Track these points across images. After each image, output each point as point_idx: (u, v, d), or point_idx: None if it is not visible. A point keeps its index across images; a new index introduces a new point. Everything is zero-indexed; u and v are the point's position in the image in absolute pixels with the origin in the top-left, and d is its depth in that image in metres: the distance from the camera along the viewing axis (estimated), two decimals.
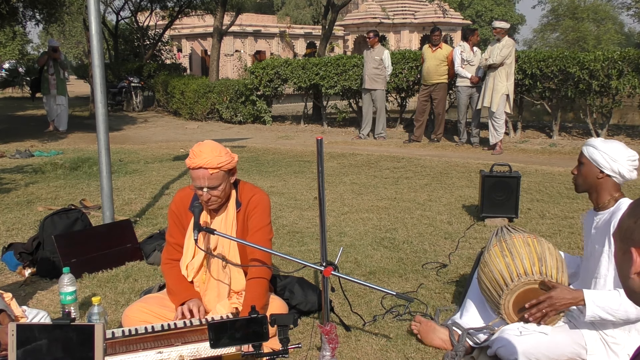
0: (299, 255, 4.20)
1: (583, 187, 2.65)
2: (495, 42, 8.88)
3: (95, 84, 4.54)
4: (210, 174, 2.60)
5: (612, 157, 2.52)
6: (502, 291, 2.60)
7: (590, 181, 2.59)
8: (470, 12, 48.00)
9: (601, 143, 2.58)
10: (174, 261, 2.87)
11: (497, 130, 8.89)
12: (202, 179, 2.61)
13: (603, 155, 2.54)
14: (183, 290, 2.78)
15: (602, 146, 2.56)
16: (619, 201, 2.54)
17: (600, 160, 2.54)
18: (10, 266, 4.04)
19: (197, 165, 2.59)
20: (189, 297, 2.73)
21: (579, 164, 2.64)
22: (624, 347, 2.49)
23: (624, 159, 2.53)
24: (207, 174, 2.59)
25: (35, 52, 41.21)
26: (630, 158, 2.54)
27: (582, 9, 49.36)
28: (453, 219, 5.19)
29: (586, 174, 2.60)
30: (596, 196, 2.61)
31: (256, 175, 7.27)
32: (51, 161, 8.14)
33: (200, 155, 2.60)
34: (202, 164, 2.58)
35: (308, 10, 37.06)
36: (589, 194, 2.64)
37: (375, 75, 10.38)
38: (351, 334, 3.00)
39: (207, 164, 2.58)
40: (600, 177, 2.56)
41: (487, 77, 8.89)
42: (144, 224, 5.07)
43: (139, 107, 16.84)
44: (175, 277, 2.82)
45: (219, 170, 2.61)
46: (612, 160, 2.53)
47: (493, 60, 8.64)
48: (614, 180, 2.55)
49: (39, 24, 14.45)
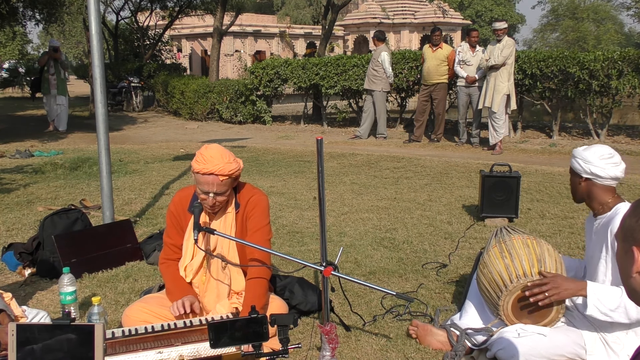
0: (299, 255, 4.20)
1: (577, 197, 2.68)
2: (495, 42, 8.88)
3: (95, 84, 4.55)
4: (221, 181, 2.60)
5: (585, 160, 2.55)
6: (501, 292, 2.60)
7: (577, 189, 2.63)
8: (470, 12, 48.02)
9: (581, 150, 2.61)
10: (171, 261, 2.87)
11: (497, 131, 8.88)
12: (211, 185, 2.60)
13: (578, 161, 2.58)
14: (179, 289, 2.78)
15: (579, 153, 2.60)
16: (617, 206, 2.53)
17: (576, 166, 2.59)
18: (10, 266, 4.04)
19: (208, 172, 2.57)
20: (184, 294, 2.74)
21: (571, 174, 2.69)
22: (623, 347, 2.49)
23: (596, 159, 2.53)
24: (217, 180, 2.59)
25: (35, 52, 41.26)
26: (603, 157, 2.53)
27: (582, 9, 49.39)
28: (453, 219, 5.19)
29: (572, 182, 2.67)
30: (591, 202, 2.61)
31: (256, 175, 7.27)
32: (51, 161, 8.14)
33: (212, 162, 2.58)
34: (213, 171, 2.57)
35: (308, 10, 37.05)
36: (585, 201, 2.65)
37: (372, 76, 10.38)
38: (351, 334, 3.00)
39: (219, 171, 2.57)
40: (580, 181, 2.58)
41: (487, 77, 8.89)
42: (144, 224, 5.07)
43: (139, 107, 16.85)
44: (171, 277, 2.83)
45: (229, 177, 2.62)
46: (585, 162, 2.55)
47: (495, 61, 8.63)
48: (599, 182, 2.53)
49: (39, 24, 14.46)
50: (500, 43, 8.73)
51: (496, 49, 8.73)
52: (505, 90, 8.70)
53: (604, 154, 2.54)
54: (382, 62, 10.22)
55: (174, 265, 2.86)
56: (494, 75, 8.74)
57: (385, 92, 10.58)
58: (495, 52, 8.70)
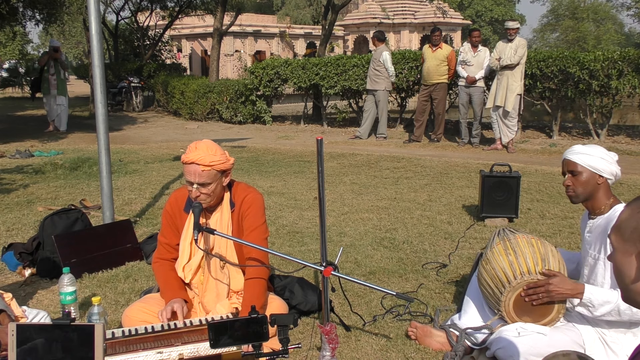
0: (299, 255, 4.20)
1: (583, 196, 2.59)
2: (506, 41, 8.84)
3: (95, 84, 4.55)
4: (202, 171, 2.62)
5: (608, 161, 2.54)
6: (503, 288, 2.60)
7: (591, 189, 2.56)
8: (470, 12, 48.02)
9: (589, 149, 2.58)
10: (164, 260, 2.87)
11: (509, 129, 8.91)
12: (192, 174, 2.63)
13: (599, 161, 2.53)
14: (170, 289, 2.77)
15: (593, 151, 2.56)
16: (614, 207, 2.53)
17: (600, 165, 2.53)
18: (10, 266, 4.04)
19: (190, 160, 2.62)
20: (173, 297, 2.72)
21: (574, 174, 2.58)
22: (622, 347, 2.49)
23: (614, 160, 2.56)
24: (198, 169, 2.61)
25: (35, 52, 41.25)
26: (614, 158, 2.58)
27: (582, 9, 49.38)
28: (453, 219, 5.19)
29: (586, 182, 2.56)
30: (593, 202, 2.59)
31: (256, 175, 7.27)
32: (51, 161, 8.14)
33: (195, 152, 2.64)
34: (195, 160, 2.61)
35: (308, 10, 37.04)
36: (586, 201, 2.61)
37: (375, 76, 10.40)
38: (351, 334, 3.00)
39: (200, 160, 2.61)
40: (601, 182, 2.55)
41: (499, 77, 8.84)
42: (144, 224, 5.07)
43: (139, 107, 16.84)
44: (164, 277, 2.83)
45: (210, 168, 2.63)
46: (609, 163, 2.54)
47: (510, 60, 8.61)
48: (609, 183, 2.57)
49: (39, 24, 14.46)
50: (512, 42, 8.70)
51: (508, 48, 8.69)
52: (519, 89, 8.72)
53: (613, 155, 2.57)
54: (384, 61, 10.24)
55: (167, 265, 2.86)
56: (507, 75, 8.70)
57: (387, 91, 10.62)
58: (508, 52, 8.66)
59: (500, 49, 8.83)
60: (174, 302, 2.68)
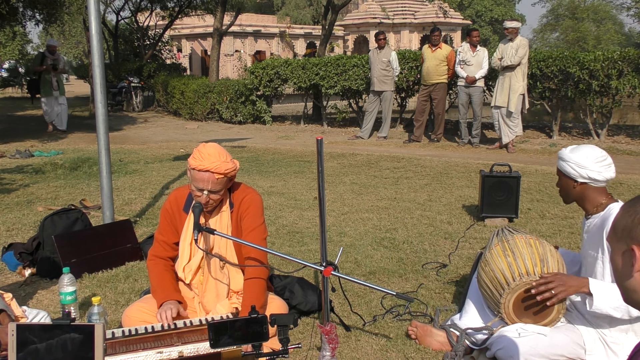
0: (299, 255, 4.20)
1: (568, 199, 2.65)
2: (507, 41, 8.84)
3: (95, 84, 4.55)
4: (216, 179, 2.61)
5: (579, 165, 2.51)
6: (503, 290, 2.60)
7: (570, 192, 2.60)
8: (470, 12, 48.02)
9: (568, 153, 2.58)
10: (159, 258, 2.86)
11: (511, 129, 8.91)
12: (206, 182, 2.61)
13: (570, 165, 2.54)
14: (163, 289, 2.75)
15: (568, 156, 2.56)
16: (609, 206, 2.52)
17: (570, 170, 2.54)
18: (10, 266, 4.04)
19: (204, 168, 2.59)
20: (166, 297, 2.69)
21: (558, 177, 2.65)
22: (623, 347, 2.48)
23: (591, 162, 2.50)
24: (212, 178, 2.60)
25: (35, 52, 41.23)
26: (597, 160, 2.51)
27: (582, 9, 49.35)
28: (453, 219, 5.19)
29: (564, 186, 2.62)
30: (584, 203, 2.60)
31: (256, 175, 7.27)
32: (51, 161, 8.14)
33: (209, 159, 2.60)
34: (210, 168, 2.58)
35: (308, 10, 37.07)
36: (577, 202, 2.63)
37: (383, 77, 10.40)
38: (351, 334, 3.00)
39: (216, 169, 2.59)
40: (575, 186, 2.56)
41: (501, 77, 8.85)
42: (144, 224, 5.07)
43: (139, 107, 16.84)
44: (157, 275, 2.81)
45: (224, 176, 2.63)
46: (580, 167, 2.51)
47: (511, 61, 8.60)
48: (594, 185, 2.53)
49: (39, 24, 14.46)
50: (513, 42, 8.69)
51: (509, 48, 8.69)
52: (522, 89, 8.71)
53: (597, 157, 2.52)
54: (392, 61, 10.30)
55: (162, 264, 2.84)
56: (509, 75, 8.70)
57: (392, 91, 10.66)
58: (509, 52, 8.66)
59: (501, 49, 8.83)
60: (169, 305, 2.64)
